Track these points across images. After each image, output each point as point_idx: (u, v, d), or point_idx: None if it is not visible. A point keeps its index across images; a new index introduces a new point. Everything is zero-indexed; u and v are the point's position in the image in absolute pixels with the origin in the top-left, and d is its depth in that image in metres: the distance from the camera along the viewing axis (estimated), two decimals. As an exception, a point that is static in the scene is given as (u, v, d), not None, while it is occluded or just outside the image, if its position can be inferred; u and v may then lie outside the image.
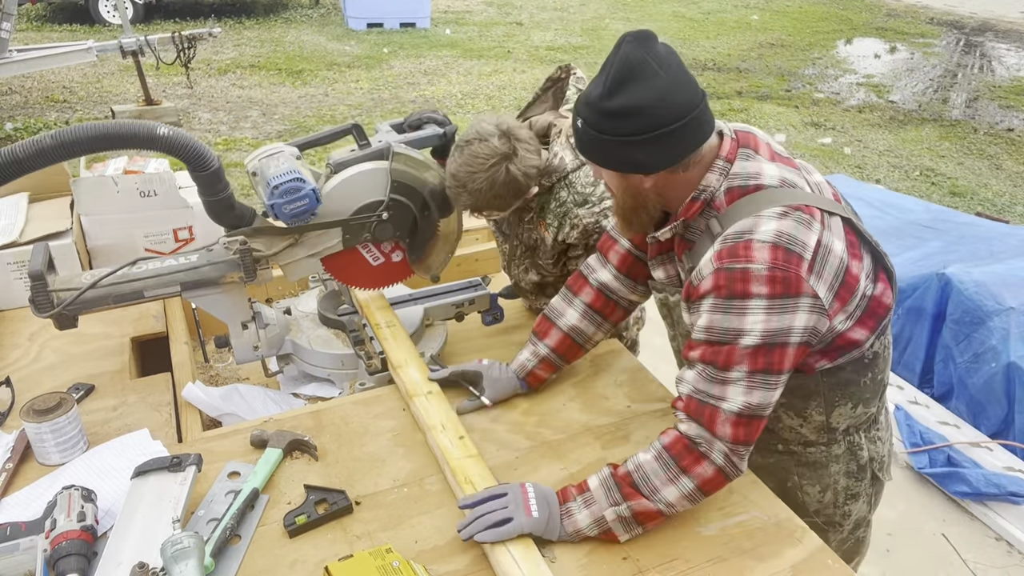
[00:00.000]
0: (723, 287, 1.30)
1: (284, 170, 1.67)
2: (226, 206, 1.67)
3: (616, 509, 1.36)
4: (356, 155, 1.80)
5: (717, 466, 1.34)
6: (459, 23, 11.63)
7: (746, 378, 1.31)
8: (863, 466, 1.62)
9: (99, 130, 1.44)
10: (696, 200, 1.39)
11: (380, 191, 1.81)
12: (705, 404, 1.34)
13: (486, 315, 2.11)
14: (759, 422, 1.34)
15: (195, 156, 1.54)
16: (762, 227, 1.31)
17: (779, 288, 1.27)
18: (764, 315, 1.28)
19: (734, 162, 1.38)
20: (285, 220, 1.70)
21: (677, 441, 1.37)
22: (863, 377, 1.51)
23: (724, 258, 1.31)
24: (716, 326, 1.32)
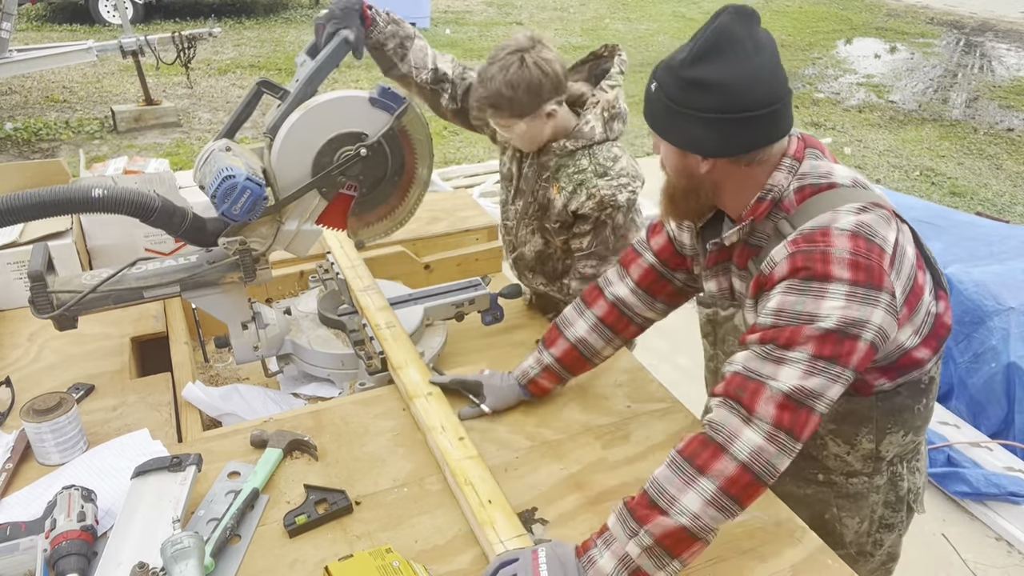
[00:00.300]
0: (801, 268, 1.20)
1: (214, 174, 1.59)
2: (196, 230, 1.66)
3: (636, 540, 1.20)
4: (283, 109, 1.73)
5: (740, 461, 1.17)
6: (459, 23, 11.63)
7: (807, 361, 1.17)
8: (901, 497, 1.55)
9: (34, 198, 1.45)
10: (763, 200, 1.31)
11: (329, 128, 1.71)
12: (750, 379, 1.20)
13: (486, 315, 2.11)
14: (808, 415, 1.18)
15: (135, 208, 1.55)
16: (841, 219, 1.22)
17: (862, 276, 1.18)
18: (844, 301, 1.17)
19: (803, 161, 1.31)
20: (243, 219, 1.61)
21: (692, 440, 1.23)
22: (918, 403, 1.43)
23: (800, 243, 1.22)
24: (787, 308, 1.20)
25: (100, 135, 6.84)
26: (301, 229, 1.78)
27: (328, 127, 1.71)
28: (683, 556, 1.21)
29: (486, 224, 2.59)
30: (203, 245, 1.73)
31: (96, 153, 6.39)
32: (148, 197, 1.56)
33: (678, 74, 1.24)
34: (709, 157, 1.28)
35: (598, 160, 1.88)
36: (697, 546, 1.22)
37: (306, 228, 1.79)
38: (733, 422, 1.20)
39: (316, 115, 1.69)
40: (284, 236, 1.77)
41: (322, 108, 1.70)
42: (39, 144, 6.62)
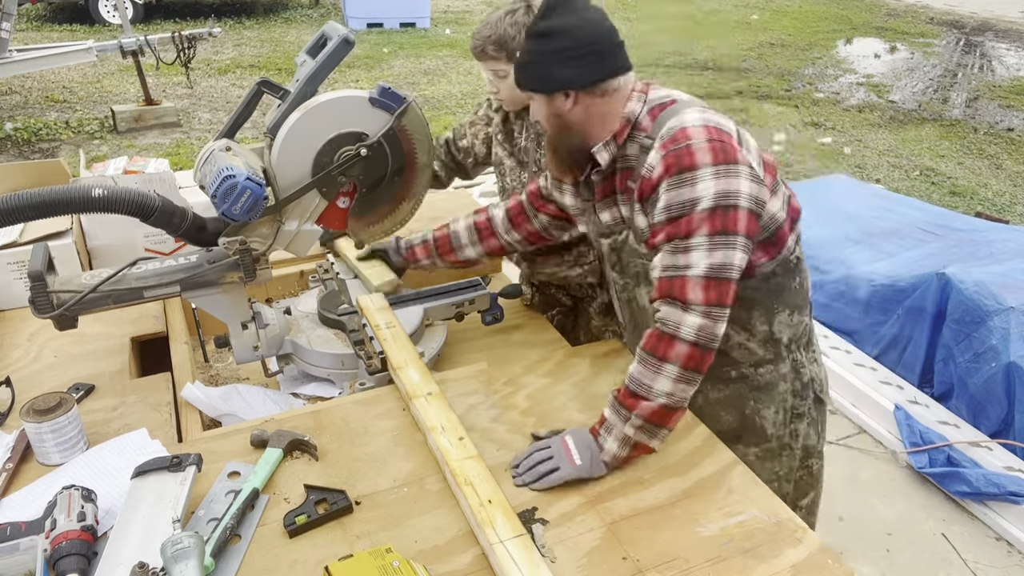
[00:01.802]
0: (672, 165, 1.45)
1: (215, 174, 1.58)
2: (196, 230, 1.66)
3: (630, 423, 1.48)
4: (283, 109, 1.73)
5: (689, 342, 1.43)
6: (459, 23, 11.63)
7: (706, 241, 1.42)
8: (806, 384, 1.76)
9: (34, 198, 1.44)
10: (621, 125, 1.57)
11: (329, 128, 1.71)
12: (674, 278, 1.45)
13: (486, 315, 2.11)
14: (727, 284, 1.44)
15: (135, 208, 1.55)
16: (688, 116, 1.49)
17: (720, 156, 1.43)
18: (712, 180, 1.42)
19: (648, 92, 1.58)
20: (243, 219, 1.61)
21: (650, 336, 1.48)
22: (791, 281, 1.66)
23: (668, 144, 1.47)
24: (673, 202, 1.45)
25: (100, 135, 6.84)
26: (301, 229, 1.78)
27: (328, 127, 1.71)
28: (669, 424, 1.51)
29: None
30: (203, 245, 1.72)
31: (96, 153, 6.39)
32: (148, 197, 1.56)
33: (530, 32, 1.54)
34: (571, 90, 1.53)
35: None
36: (678, 413, 1.51)
37: (306, 228, 1.79)
38: (675, 314, 1.45)
39: (316, 115, 1.69)
40: (284, 236, 1.77)
41: (322, 108, 1.70)
42: (39, 144, 6.62)
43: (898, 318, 3.49)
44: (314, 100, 1.70)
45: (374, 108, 1.73)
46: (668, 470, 1.57)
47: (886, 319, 3.56)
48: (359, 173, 1.76)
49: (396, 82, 8.46)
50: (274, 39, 10.20)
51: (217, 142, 1.71)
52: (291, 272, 2.30)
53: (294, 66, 1.86)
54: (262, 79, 1.77)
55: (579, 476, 1.49)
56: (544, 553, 1.36)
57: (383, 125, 1.73)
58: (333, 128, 1.71)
